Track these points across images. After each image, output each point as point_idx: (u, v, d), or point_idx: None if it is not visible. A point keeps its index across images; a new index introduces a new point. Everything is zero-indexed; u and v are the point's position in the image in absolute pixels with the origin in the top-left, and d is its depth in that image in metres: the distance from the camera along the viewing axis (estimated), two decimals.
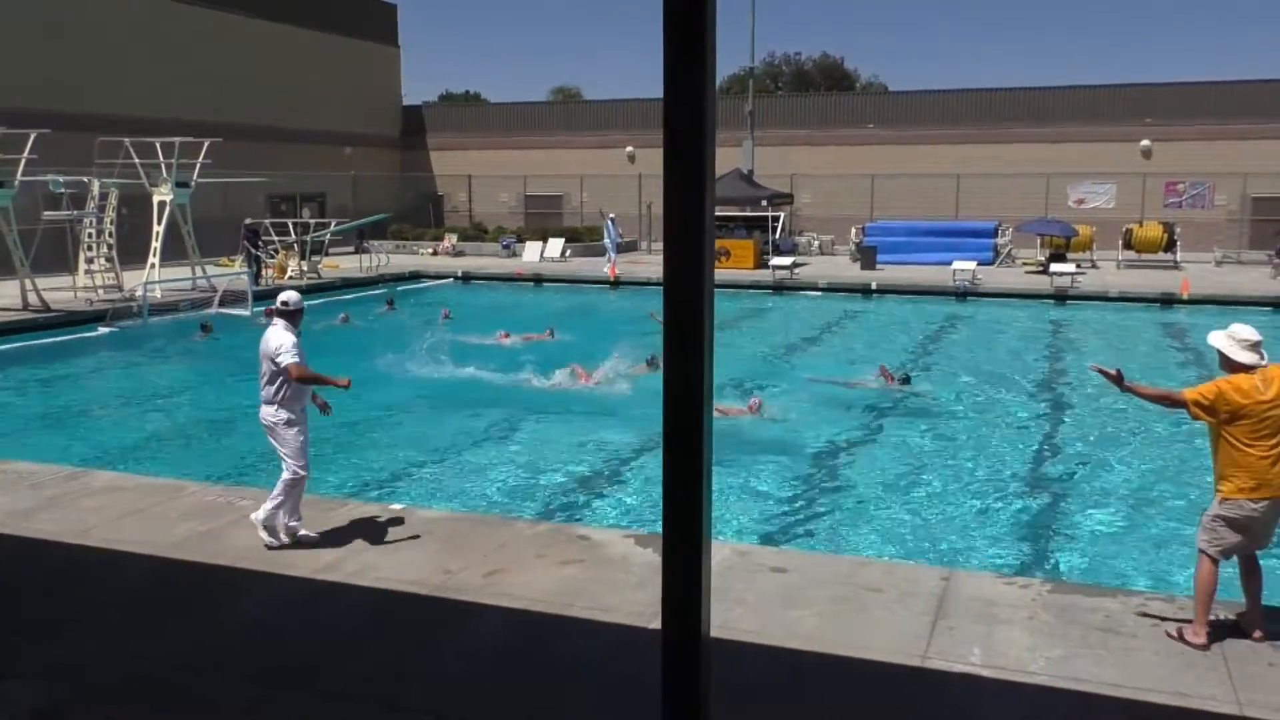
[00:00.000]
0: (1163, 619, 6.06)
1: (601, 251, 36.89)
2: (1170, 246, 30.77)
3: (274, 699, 5.33)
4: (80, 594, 6.71)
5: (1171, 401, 6.02)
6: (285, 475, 7.40)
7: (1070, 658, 5.62)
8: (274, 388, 7.41)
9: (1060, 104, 38.00)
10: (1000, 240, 32.77)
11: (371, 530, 7.78)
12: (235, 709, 5.24)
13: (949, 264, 27.70)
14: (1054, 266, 26.92)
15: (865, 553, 8.42)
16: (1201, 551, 5.85)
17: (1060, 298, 25.13)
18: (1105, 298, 25.02)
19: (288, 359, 7.27)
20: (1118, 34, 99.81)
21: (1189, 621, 5.82)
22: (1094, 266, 30.64)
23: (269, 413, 7.47)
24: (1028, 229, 31.59)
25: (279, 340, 7.39)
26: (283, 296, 7.68)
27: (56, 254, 23.97)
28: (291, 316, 7.57)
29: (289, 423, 7.41)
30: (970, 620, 6.10)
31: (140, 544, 7.50)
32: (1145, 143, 36.44)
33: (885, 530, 9.11)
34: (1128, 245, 31.15)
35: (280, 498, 7.38)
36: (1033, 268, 29.86)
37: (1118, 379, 6.08)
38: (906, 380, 14.80)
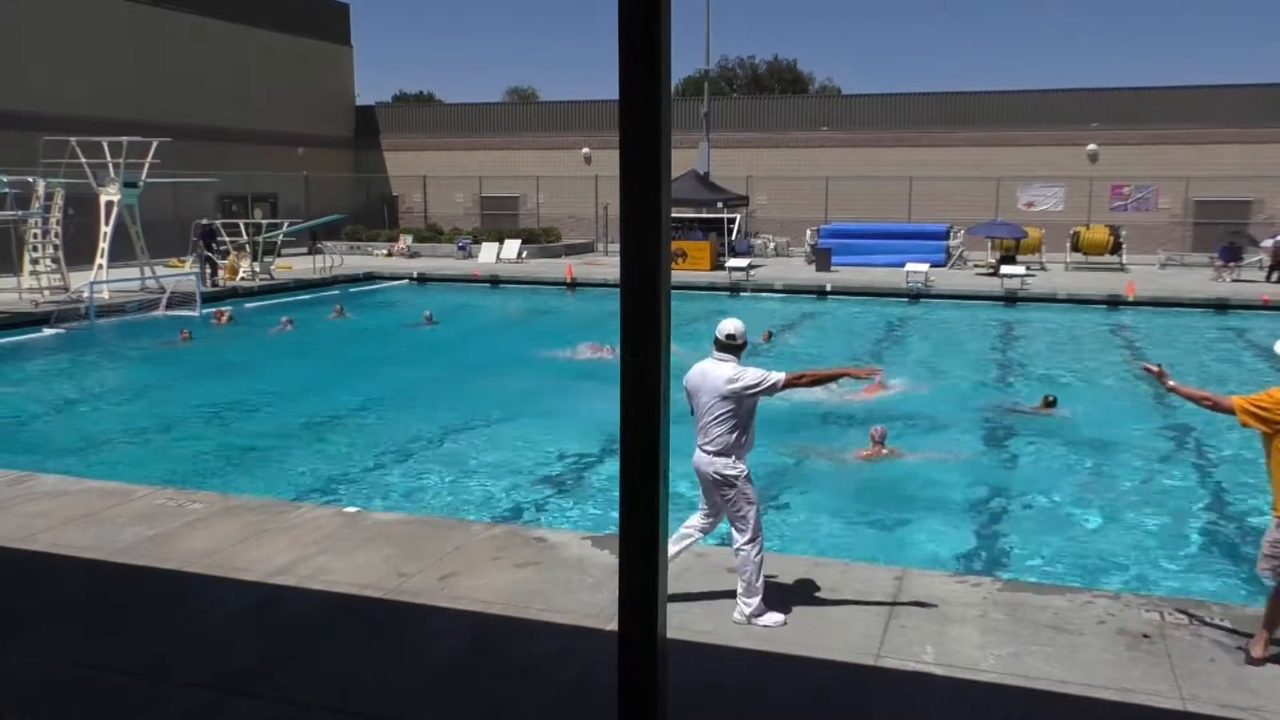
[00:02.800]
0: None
1: (558, 254, 36.88)
2: (1116, 249, 31.38)
3: (226, 704, 5.26)
4: (25, 599, 6.57)
5: (1217, 406, 5.80)
6: (746, 541, 6.16)
7: (1020, 655, 5.70)
8: (732, 434, 6.08)
9: (1009, 108, 38.58)
10: (952, 243, 33.19)
11: (326, 533, 7.71)
12: (186, 715, 5.17)
13: (902, 266, 28.00)
14: (1004, 269, 27.34)
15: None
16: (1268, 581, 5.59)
17: (1010, 299, 25.51)
18: (1054, 299, 25.43)
19: (774, 376, 6.07)
20: (1065, 39, 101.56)
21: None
22: (1043, 269, 31.12)
23: (723, 465, 6.09)
24: (978, 232, 32.03)
25: (734, 371, 6.09)
26: (728, 328, 6.21)
27: (1, 255, 23.49)
28: (738, 351, 6.23)
29: (748, 476, 6.19)
30: (923, 619, 6.17)
31: (87, 548, 7.37)
32: (1092, 147, 37.11)
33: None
34: (1075, 248, 31.71)
35: (752, 572, 6.15)
36: (984, 270, 30.28)
37: (1160, 375, 6.04)
38: (1052, 403, 13.64)
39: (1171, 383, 6.04)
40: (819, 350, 18.91)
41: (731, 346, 6.20)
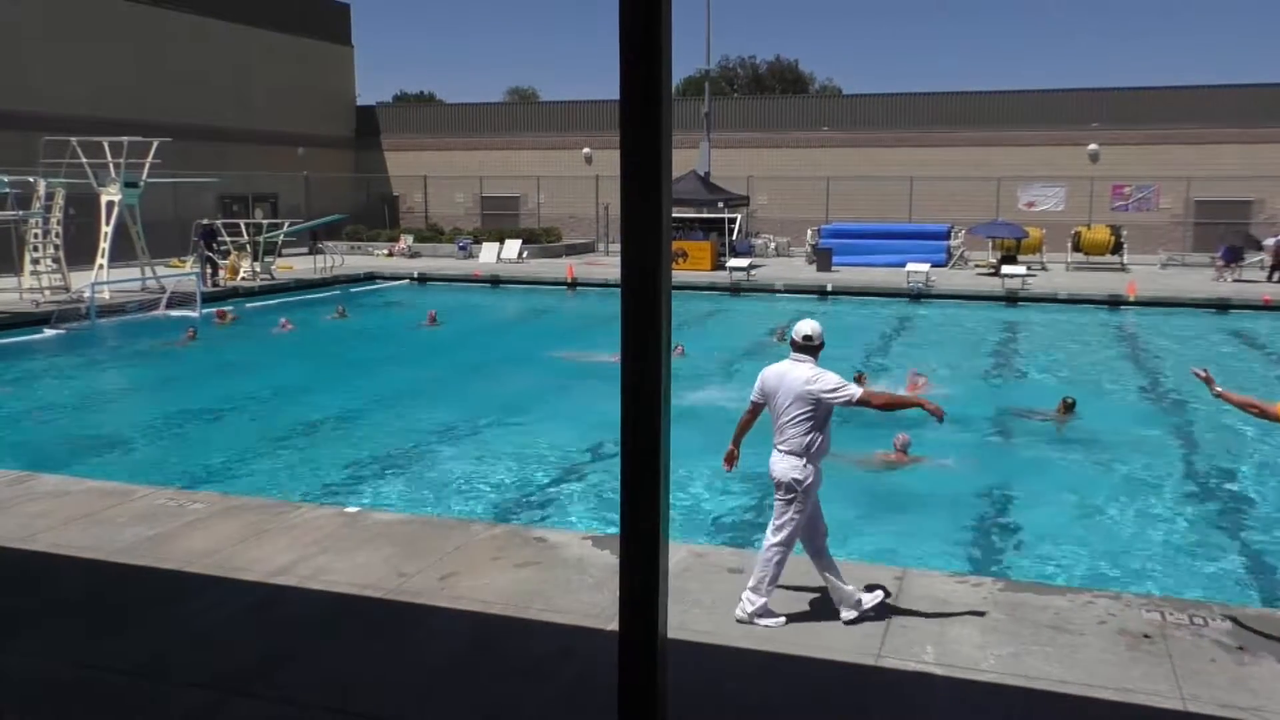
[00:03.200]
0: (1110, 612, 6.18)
1: (559, 253, 36.88)
2: (1117, 249, 31.36)
3: (226, 704, 5.26)
4: (25, 599, 6.57)
5: (1264, 413, 5.89)
6: (776, 542, 6.15)
7: (1020, 655, 5.70)
8: (807, 436, 6.04)
9: (1010, 108, 38.56)
10: (953, 243, 33.18)
11: (326, 533, 7.70)
12: (186, 715, 5.17)
13: (903, 266, 27.98)
14: (1005, 269, 27.31)
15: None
16: None
17: (1011, 299, 25.50)
18: (1055, 299, 25.42)
19: (851, 388, 6.09)
20: (1065, 39, 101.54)
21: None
22: (1044, 269, 31.11)
23: (792, 466, 6.04)
24: (979, 232, 32.01)
25: (813, 373, 6.08)
26: (805, 329, 6.25)
27: (1, 255, 23.50)
28: (816, 351, 6.25)
29: (815, 483, 6.11)
30: (923, 619, 6.17)
31: (88, 548, 7.36)
32: (1092, 146, 37.10)
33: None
34: (1076, 248, 31.69)
35: (769, 573, 6.14)
36: (985, 270, 30.26)
37: (1208, 381, 6.10)
38: (1071, 406, 13.32)
39: (1218, 388, 6.10)
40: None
41: (809, 347, 6.21)
